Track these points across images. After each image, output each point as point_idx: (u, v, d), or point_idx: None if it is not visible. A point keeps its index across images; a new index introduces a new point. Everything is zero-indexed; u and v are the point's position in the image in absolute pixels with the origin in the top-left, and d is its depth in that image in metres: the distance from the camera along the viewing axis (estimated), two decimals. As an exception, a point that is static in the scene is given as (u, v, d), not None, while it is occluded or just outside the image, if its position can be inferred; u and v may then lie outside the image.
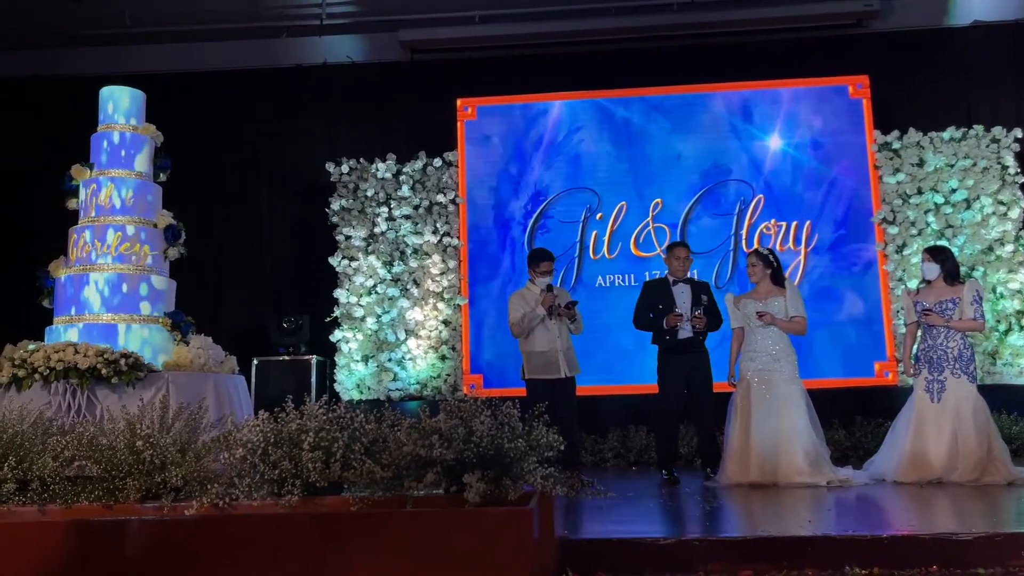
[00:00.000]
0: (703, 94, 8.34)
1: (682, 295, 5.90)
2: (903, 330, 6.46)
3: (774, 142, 8.21)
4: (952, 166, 7.90)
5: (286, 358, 7.95)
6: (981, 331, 5.78)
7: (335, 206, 8.33)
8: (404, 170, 8.34)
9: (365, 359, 8.10)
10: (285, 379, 7.77)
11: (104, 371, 5.07)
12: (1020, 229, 7.78)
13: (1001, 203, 7.81)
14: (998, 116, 8.15)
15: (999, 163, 7.86)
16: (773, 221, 8.10)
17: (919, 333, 5.62)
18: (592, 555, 3.36)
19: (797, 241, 8.04)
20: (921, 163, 7.94)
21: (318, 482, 3.15)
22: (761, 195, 8.14)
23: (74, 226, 5.95)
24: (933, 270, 5.55)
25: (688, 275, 6.09)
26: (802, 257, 8.02)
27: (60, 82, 8.81)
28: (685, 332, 5.83)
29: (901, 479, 5.28)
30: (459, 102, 8.45)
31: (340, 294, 8.19)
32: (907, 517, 4.19)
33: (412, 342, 8.10)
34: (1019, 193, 7.83)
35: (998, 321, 7.63)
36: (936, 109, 8.28)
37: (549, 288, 5.80)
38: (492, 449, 3.07)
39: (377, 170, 8.35)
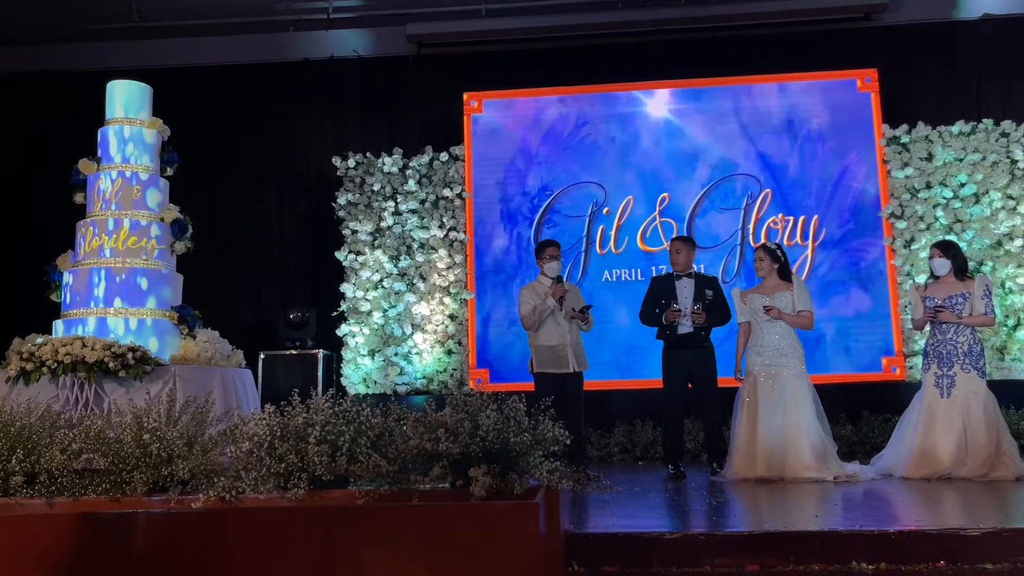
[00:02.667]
0: (711, 88, 8.31)
1: (684, 290, 5.89)
2: (910, 325, 6.44)
3: (782, 136, 8.18)
4: (961, 160, 7.86)
5: (292, 352, 7.96)
6: (992, 326, 5.76)
7: (341, 200, 8.33)
8: (411, 164, 8.34)
9: (371, 353, 8.11)
10: (291, 373, 7.78)
11: (111, 365, 5.08)
12: (1029, 224, 7.74)
13: (1011, 198, 7.77)
14: (1008, 110, 8.10)
15: (1008, 157, 7.82)
16: (780, 215, 8.07)
17: (928, 328, 5.59)
18: (598, 549, 3.36)
19: (805, 236, 8.02)
20: (930, 157, 7.90)
21: (324, 476, 3.16)
22: (768, 189, 8.12)
23: (81, 220, 5.96)
24: (944, 266, 5.52)
25: (694, 269, 6.07)
26: (809, 252, 7.99)
27: (67, 76, 8.82)
28: (685, 327, 5.81)
29: (909, 474, 5.27)
30: (466, 96, 8.44)
31: (346, 288, 8.20)
32: (915, 512, 4.18)
33: (418, 336, 8.11)
34: (1028, 187, 7.79)
35: (1007, 316, 7.60)
36: (945, 103, 8.24)
37: (559, 279, 5.79)
38: (498, 443, 3.07)
39: (384, 164, 8.35)
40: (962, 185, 7.84)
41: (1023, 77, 8.29)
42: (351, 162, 8.39)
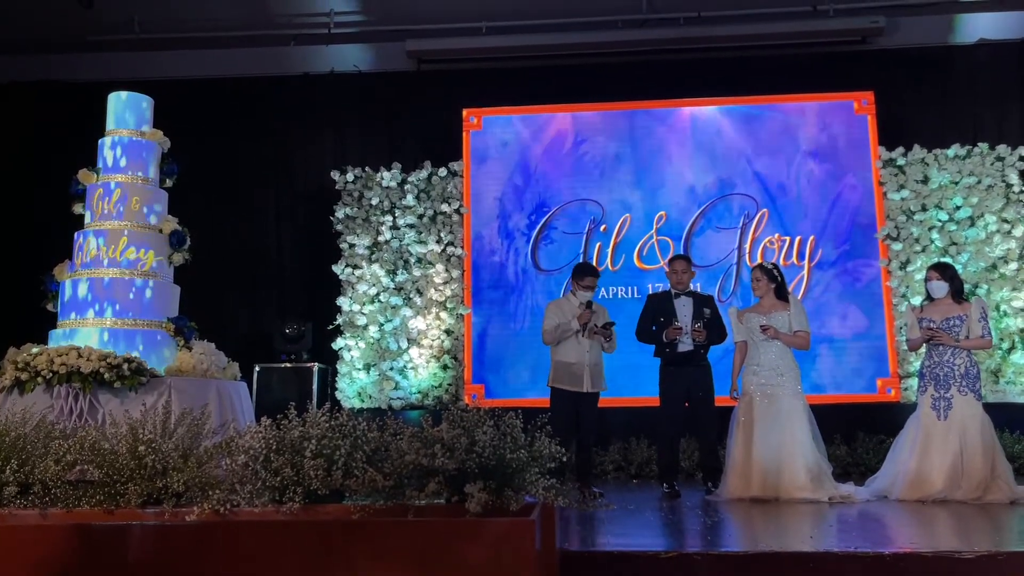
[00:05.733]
0: (709, 108, 8.36)
1: (683, 308, 5.91)
2: (906, 347, 6.45)
3: (779, 157, 8.23)
4: (956, 183, 7.91)
5: (288, 365, 7.94)
6: (988, 349, 5.76)
7: (339, 214, 8.35)
8: (409, 179, 8.36)
9: (367, 367, 8.10)
10: (287, 386, 7.77)
11: (107, 375, 5.06)
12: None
13: (1005, 221, 7.82)
14: (1003, 134, 8.17)
15: (1003, 181, 7.87)
16: (777, 235, 8.11)
17: (924, 349, 5.60)
18: (593, 567, 3.35)
19: (801, 256, 8.04)
20: (925, 180, 7.95)
21: (320, 490, 3.15)
22: (765, 209, 8.15)
23: (80, 230, 5.96)
24: (942, 288, 5.53)
25: (691, 288, 6.09)
26: (805, 272, 8.01)
27: (69, 87, 8.84)
28: (685, 345, 5.83)
29: (904, 496, 5.25)
30: (465, 112, 8.48)
31: (343, 302, 8.20)
32: (909, 534, 4.18)
33: (414, 351, 8.10)
34: (1023, 211, 7.83)
35: (1001, 339, 7.62)
36: (941, 126, 8.29)
37: (588, 304, 5.82)
38: (494, 459, 3.07)
39: (382, 179, 8.37)
40: (957, 208, 7.89)
41: (1018, 101, 8.37)
42: (350, 176, 8.41)
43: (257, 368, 7.84)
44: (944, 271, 5.58)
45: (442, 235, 8.28)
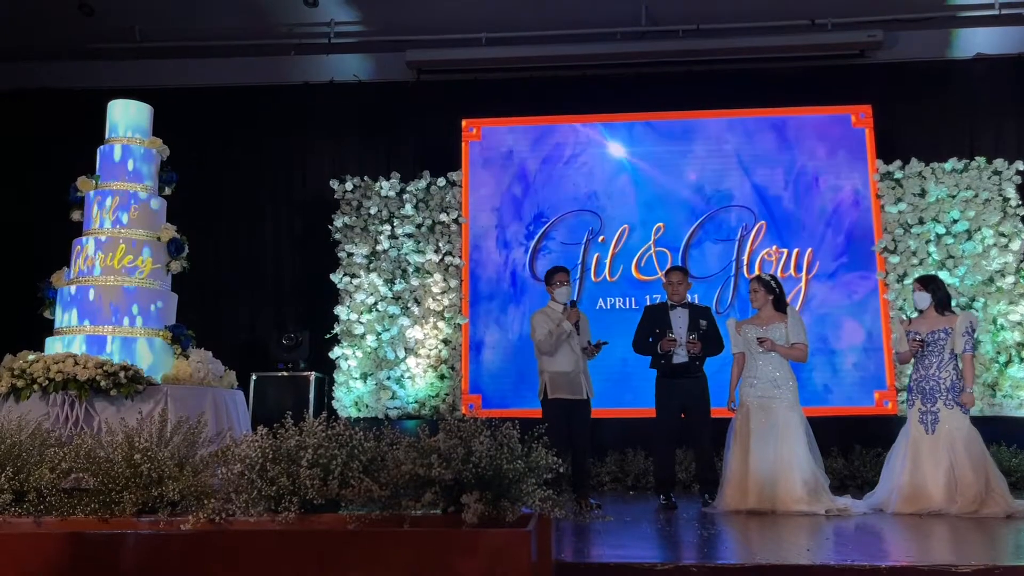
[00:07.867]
0: (707, 120, 8.39)
1: (679, 320, 5.92)
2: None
3: (777, 169, 8.25)
4: (954, 197, 7.94)
5: (284, 374, 7.93)
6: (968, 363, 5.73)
7: (338, 223, 8.36)
8: (408, 189, 8.38)
9: (364, 377, 8.09)
10: (283, 395, 7.76)
11: (103, 383, 5.06)
12: (1021, 261, 7.80)
13: (1002, 235, 7.84)
14: (1000, 148, 8.20)
15: (1000, 195, 7.90)
16: (774, 248, 8.12)
17: (912, 362, 5.60)
18: (589, 579, 3.34)
19: (798, 268, 8.06)
20: (923, 193, 7.98)
21: (315, 499, 3.14)
22: (763, 221, 8.17)
23: (78, 237, 5.96)
24: (924, 299, 5.54)
25: (688, 300, 6.10)
26: (803, 284, 8.03)
27: (69, 94, 8.85)
28: (680, 357, 5.83)
29: (900, 510, 5.24)
30: (464, 123, 8.50)
31: (341, 311, 8.20)
32: (906, 548, 4.17)
33: (411, 360, 8.09)
34: (1020, 225, 7.86)
35: (998, 352, 7.63)
36: (938, 140, 8.33)
37: (573, 304, 5.87)
38: (491, 470, 3.06)
39: (381, 188, 8.39)
40: (955, 221, 7.91)
41: (1015, 116, 8.40)
42: (348, 185, 8.43)
43: (254, 377, 7.83)
44: (926, 283, 5.59)
45: (440, 245, 8.29)
